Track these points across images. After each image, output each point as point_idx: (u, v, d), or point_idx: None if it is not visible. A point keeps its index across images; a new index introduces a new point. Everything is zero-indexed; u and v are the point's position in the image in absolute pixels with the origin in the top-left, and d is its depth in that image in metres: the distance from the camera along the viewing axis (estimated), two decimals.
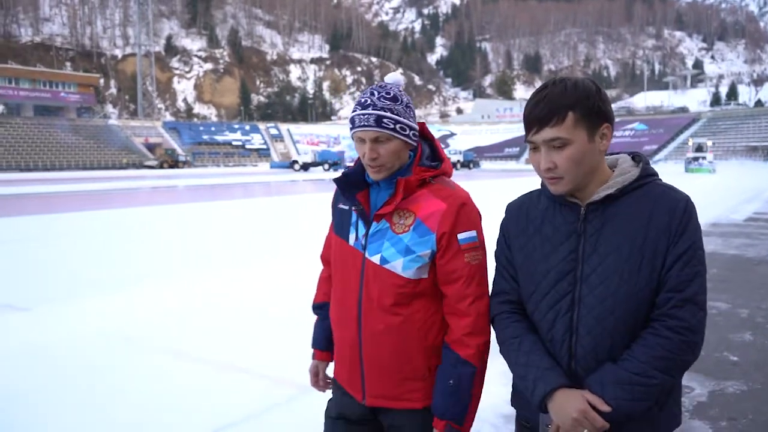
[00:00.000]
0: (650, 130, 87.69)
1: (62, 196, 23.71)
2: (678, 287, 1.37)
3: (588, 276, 1.43)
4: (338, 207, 1.83)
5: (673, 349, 1.35)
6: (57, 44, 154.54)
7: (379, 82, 1.71)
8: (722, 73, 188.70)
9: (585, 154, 1.40)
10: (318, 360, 1.98)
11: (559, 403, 1.40)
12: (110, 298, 6.06)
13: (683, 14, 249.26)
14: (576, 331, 1.45)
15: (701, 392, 3.68)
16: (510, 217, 1.63)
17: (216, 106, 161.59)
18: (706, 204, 16.03)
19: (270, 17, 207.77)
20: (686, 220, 1.39)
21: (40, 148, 68.70)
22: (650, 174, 1.47)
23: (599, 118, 1.41)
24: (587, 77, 1.47)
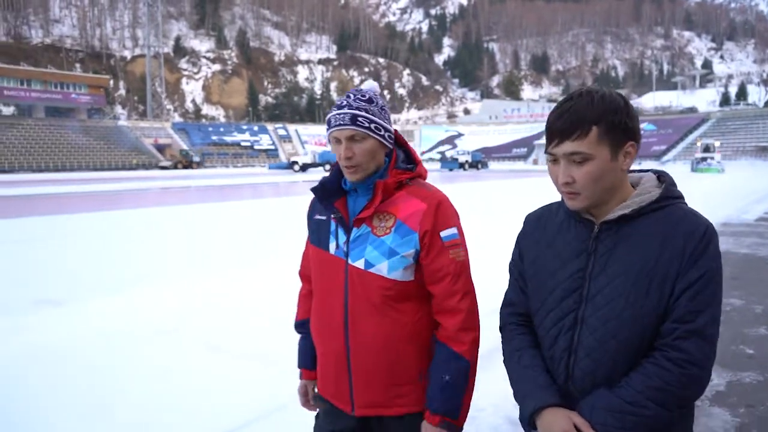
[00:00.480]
0: (659, 130, 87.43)
1: (74, 197, 24.03)
2: (685, 317, 1.31)
3: (594, 296, 1.40)
4: (314, 218, 1.82)
5: (672, 381, 1.30)
6: (67, 46, 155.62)
7: (353, 90, 1.73)
8: (731, 73, 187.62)
9: (606, 171, 1.35)
10: (306, 380, 1.95)
11: (546, 422, 1.39)
12: (111, 298, 6.03)
13: (692, 14, 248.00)
14: (575, 351, 1.42)
15: (719, 382, 3.86)
16: (526, 228, 1.61)
17: (224, 107, 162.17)
18: (716, 204, 16.14)
19: (278, 18, 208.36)
20: (703, 247, 1.32)
21: (52, 149, 69.34)
22: (672, 196, 1.41)
23: (624, 136, 1.35)
24: (615, 92, 1.38)
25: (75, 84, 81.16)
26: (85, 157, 70.03)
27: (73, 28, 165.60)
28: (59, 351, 4.42)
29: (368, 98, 1.69)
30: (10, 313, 5.52)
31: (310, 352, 1.92)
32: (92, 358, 4.28)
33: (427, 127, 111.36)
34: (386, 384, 1.69)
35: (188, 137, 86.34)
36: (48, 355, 4.35)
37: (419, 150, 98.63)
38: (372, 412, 1.72)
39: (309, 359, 1.93)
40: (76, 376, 3.94)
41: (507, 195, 20.25)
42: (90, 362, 4.18)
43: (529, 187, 25.29)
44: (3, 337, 4.76)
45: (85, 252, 9.26)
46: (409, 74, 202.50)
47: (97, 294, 6.23)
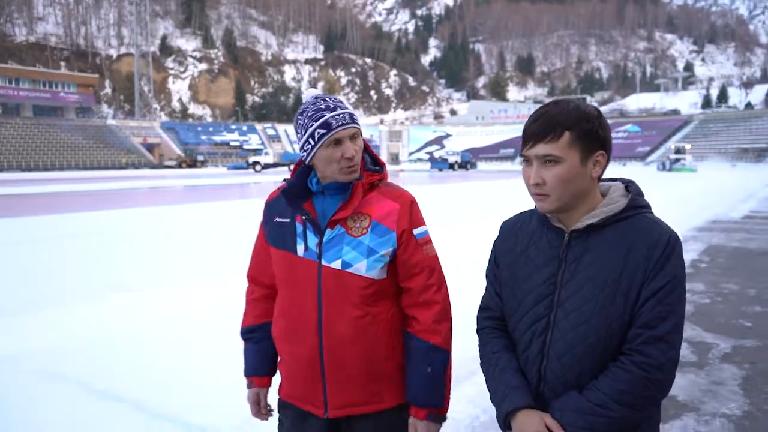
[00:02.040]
0: (643, 132, 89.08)
1: (68, 196, 24.44)
2: (649, 323, 1.37)
3: (564, 302, 1.45)
4: (274, 221, 1.80)
5: (637, 385, 1.35)
6: (52, 44, 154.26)
7: (315, 95, 1.74)
8: (712, 75, 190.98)
9: (575, 175, 1.41)
10: (258, 387, 1.91)
11: (519, 423, 1.44)
12: (100, 302, 5.88)
13: (674, 17, 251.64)
14: (547, 354, 1.47)
15: (725, 346, 4.64)
16: (502, 235, 1.66)
17: (211, 107, 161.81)
18: (705, 203, 17.09)
19: (264, 18, 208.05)
20: (667, 256, 1.38)
21: (41, 148, 69.13)
22: (638, 206, 1.47)
23: (595, 143, 1.42)
24: (589, 104, 1.48)
25: (64, 83, 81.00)
26: (74, 156, 69.91)
27: (58, 26, 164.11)
28: (49, 356, 4.33)
29: (340, 99, 1.73)
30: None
31: (261, 358, 1.89)
32: (82, 363, 4.19)
33: (415, 127, 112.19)
34: (362, 383, 1.71)
35: (177, 136, 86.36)
36: (38, 360, 4.24)
37: (407, 150, 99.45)
38: (346, 413, 1.72)
39: (260, 366, 1.89)
40: (67, 380, 3.87)
41: (496, 195, 21.05)
42: (79, 368, 4.10)
43: (517, 187, 26.44)
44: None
45: (72, 255, 8.99)
46: (395, 75, 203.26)
47: (86, 298, 6.07)
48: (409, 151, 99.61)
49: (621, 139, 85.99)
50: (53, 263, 8.34)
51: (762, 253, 9.04)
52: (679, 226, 11.77)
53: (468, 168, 64.09)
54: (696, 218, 13.27)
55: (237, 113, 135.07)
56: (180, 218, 14.53)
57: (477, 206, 15.87)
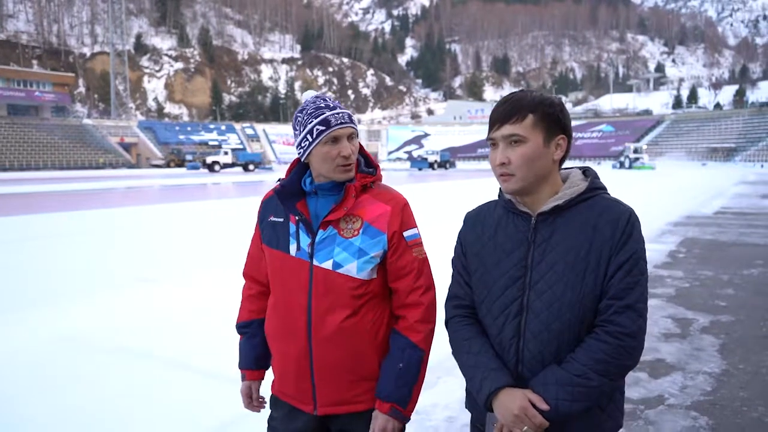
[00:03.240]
0: (617, 131, 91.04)
1: (44, 196, 24.55)
2: (619, 295, 1.44)
3: (536, 283, 1.51)
4: (269, 220, 1.84)
5: (612, 353, 1.42)
6: (23, 42, 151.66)
7: (315, 95, 1.79)
8: (683, 76, 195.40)
9: (538, 155, 1.49)
10: (250, 380, 1.96)
11: (502, 402, 1.47)
12: (89, 301, 5.94)
13: (645, 18, 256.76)
14: (523, 335, 1.51)
15: (704, 321, 5.32)
16: (467, 225, 1.72)
17: (187, 106, 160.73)
18: (677, 201, 18.02)
19: (240, 17, 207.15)
20: (629, 232, 1.46)
21: (15, 147, 68.22)
22: (597, 188, 1.55)
23: (557, 127, 1.51)
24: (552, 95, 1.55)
25: (39, 82, 79.86)
26: (50, 156, 69.18)
27: (29, 24, 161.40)
28: (35, 357, 4.36)
29: (338, 102, 1.77)
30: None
31: (253, 352, 1.94)
32: (67, 363, 4.22)
33: (394, 127, 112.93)
34: (349, 381, 1.75)
35: (155, 136, 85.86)
36: (27, 360, 4.28)
37: (386, 150, 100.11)
38: (334, 410, 1.76)
39: (253, 360, 1.95)
40: (55, 380, 3.90)
41: (475, 193, 21.76)
42: (68, 367, 4.15)
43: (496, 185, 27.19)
44: None
45: (61, 254, 8.99)
46: (372, 74, 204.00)
47: (75, 297, 6.11)
48: (388, 151, 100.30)
49: (596, 139, 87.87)
50: (38, 263, 8.32)
51: (733, 245, 9.82)
52: (656, 220, 12.62)
53: (447, 167, 64.98)
54: (671, 214, 14.11)
55: (214, 113, 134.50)
56: (168, 217, 14.91)
57: (457, 203, 16.56)
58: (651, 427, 3.29)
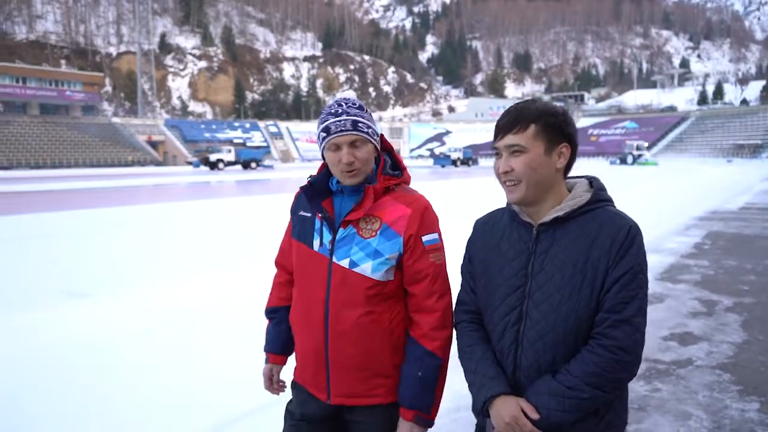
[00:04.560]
0: (641, 128, 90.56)
1: (88, 193, 25.57)
2: (615, 308, 1.44)
3: (534, 292, 1.53)
4: (299, 214, 1.90)
5: (606, 366, 1.43)
6: (52, 42, 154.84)
7: (339, 98, 1.83)
8: (708, 71, 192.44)
9: (540, 164, 1.52)
10: (272, 363, 2.04)
11: (497, 409, 1.51)
12: (99, 299, 6.01)
13: (670, 13, 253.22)
14: (521, 343, 1.54)
15: (728, 302, 5.93)
16: (476, 232, 1.75)
17: (211, 104, 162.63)
18: (703, 197, 18.42)
19: (262, 15, 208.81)
20: (628, 245, 1.46)
21: (48, 145, 70.11)
22: (601, 200, 1.56)
23: (560, 136, 1.54)
24: (557, 104, 1.62)
25: (70, 81, 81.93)
26: (81, 154, 70.91)
27: (57, 24, 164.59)
28: (50, 353, 4.42)
29: (359, 105, 1.79)
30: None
31: (278, 337, 2.02)
32: (81, 360, 4.28)
33: (416, 124, 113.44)
34: (361, 377, 1.79)
35: (181, 134, 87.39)
36: (39, 357, 4.34)
37: (408, 147, 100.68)
38: (346, 402, 1.82)
39: (277, 345, 2.02)
40: (66, 377, 3.95)
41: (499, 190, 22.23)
42: (86, 360, 4.23)
43: None
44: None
45: (73, 252, 9.14)
46: (393, 72, 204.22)
47: (90, 294, 6.21)
48: (410, 148, 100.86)
49: (619, 136, 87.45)
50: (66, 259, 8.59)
51: (757, 237, 10.33)
52: (682, 215, 13.12)
53: (470, 164, 65.37)
54: (697, 209, 14.57)
55: (237, 111, 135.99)
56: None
57: (481, 201, 17.13)
58: (682, 381, 3.93)
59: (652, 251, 8.91)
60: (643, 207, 14.32)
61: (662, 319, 5.38)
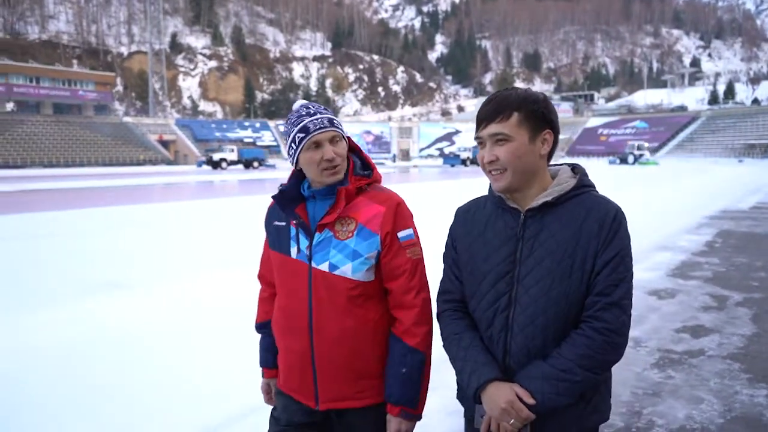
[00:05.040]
0: (651, 128, 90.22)
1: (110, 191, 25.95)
2: (604, 291, 1.47)
3: (524, 277, 1.53)
4: (273, 224, 1.91)
5: (597, 348, 1.45)
6: (64, 42, 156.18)
7: (301, 104, 1.83)
8: (719, 71, 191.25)
9: (525, 152, 1.52)
10: (268, 378, 2.06)
11: (490, 395, 1.51)
12: (101, 299, 5.86)
13: (680, 12, 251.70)
14: (511, 329, 1.55)
15: (738, 298, 6.13)
16: (458, 220, 1.74)
17: (221, 104, 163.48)
18: (714, 196, 18.51)
19: (272, 15, 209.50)
20: (615, 229, 1.49)
21: (61, 144, 70.86)
22: (586, 185, 1.58)
23: (542, 123, 1.54)
24: (537, 91, 1.61)
25: (82, 81, 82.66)
26: (93, 153, 71.60)
27: (69, 24, 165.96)
28: (53, 351, 4.33)
29: (325, 108, 1.82)
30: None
31: (270, 352, 2.03)
32: (98, 354, 4.26)
33: (425, 124, 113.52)
34: (349, 379, 1.79)
35: (192, 133, 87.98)
36: (40, 356, 4.26)
37: (418, 147, 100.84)
38: (335, 406, 1.81)
39: (270, 359, 2.03)
40: (73, 375, 3.90)
41: None
42: (93, 359, 4.16)
43: None
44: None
45: (77, 252, 8.92)
46: (402, 71, 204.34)
47: (88, 294, 6.05)
48: (419, 147, 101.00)
49: (629, 135, 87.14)
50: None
51: (767, 236, 10.47)
52: (693, 214, 13.26)
53: None
54: (708, 208, 14.70)
55: (247, 110, 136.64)
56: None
57: None
58: (694, 369, 4.14)
59: (664, 249, 9.11)
60: (655, 206, 14.49)
61: (674, 313, 5.58)
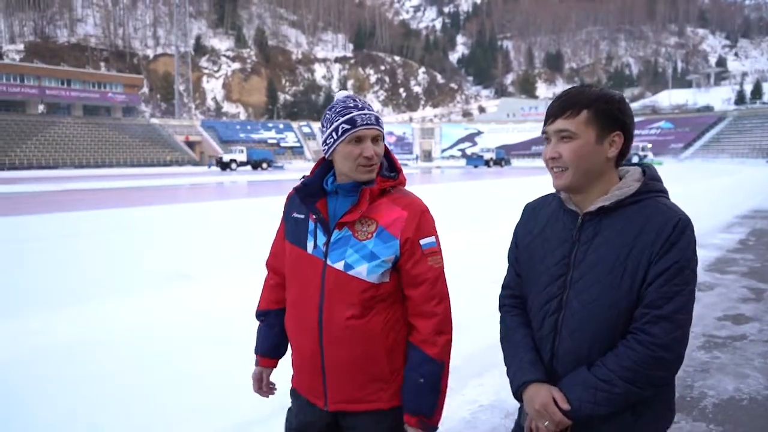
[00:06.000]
0: (676, 128, 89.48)
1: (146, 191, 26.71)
2: (655, 303, 1.40)
3: (576, 282, 1.50)
4: (292, 216, 1.87)
5: (641, 362, 1.39)
6: (92, 45, 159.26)
7: (346, 95, 1.81)
8: (746, 70, 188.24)
9: (589, 152, 1.47)
10: (262, 366, 2.00)
11: (529, 395, 1.52)
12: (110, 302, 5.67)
13: (706, 11, 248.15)
14: (559, 332, 1.52)
15: (765, 288, 6.47)
16: (523, 217, 1.73)
17: (244, 105, 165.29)
18: (745, 196, 18.68)
19: (294, 17, 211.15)
20: (675, 239, 1.40)
21: (91, 146, 72.49)
22: (652, 190, 1.50)
23: (613, 124, 1.47)
24: (616, 91, 1.53)
25: (111, 83, 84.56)
26: (123, 154, 73.14)
27: (96, 27, 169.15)
28: (63, 352, 4.25)
29: (370, 105, 1.78)
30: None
31: (268, 341, 1.99)
32: (111, 355, 4.21)
33: (447, 125, 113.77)
34: (359, 382, 1.76)
35: (217, 134, 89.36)
36: (51, 357, 4.17)
37: (440, 147, 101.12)
38: (344, 407, 1.79)
39: (267, 347, 1.99)
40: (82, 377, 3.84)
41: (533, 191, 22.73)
42: (104, 360, 4.11)
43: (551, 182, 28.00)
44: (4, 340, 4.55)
45: (85, 254, 8.75)
46: (424, 72, 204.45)
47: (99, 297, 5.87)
48: (441, 148, 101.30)
49: (654, 136, 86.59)
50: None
51: None
52: (725, 213, 13.52)
53: (503, 165, 65.64)
54: (739, 208, 14.97)
55: (270, 111, 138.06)
56: None
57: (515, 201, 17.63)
58: (738, 351, 4.55)
59: (699, 246, 9.31)
60: (685, 205, 14.71)
61: (715, 303, 5.97)
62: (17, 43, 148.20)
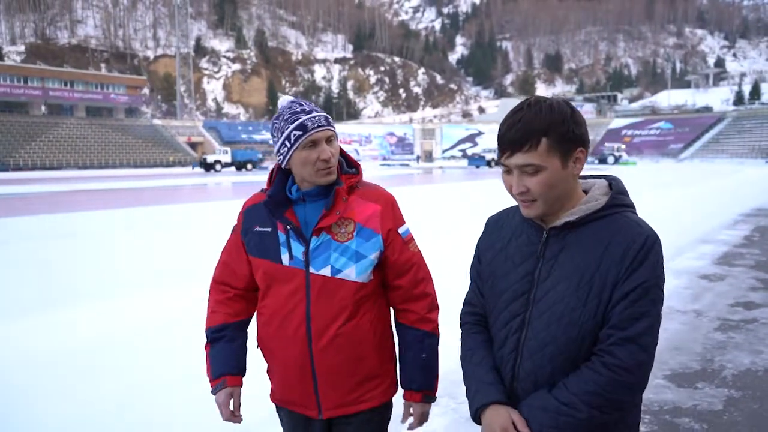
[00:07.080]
0: (676, 129, 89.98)
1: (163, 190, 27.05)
2: (620, 325, 1.33)
3: (539, 300, 1.43)
4: (254, 230, 1.78)
5: (605, 386, 1.33)
6: (92, 46, 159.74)
7: (290, 100, 1.76)
8: (744, 71, 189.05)
9: (558, 180, 1.38)
10: (232, 387, 1.81)
11: (488, 417, 1.44)
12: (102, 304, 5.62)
13: (704, 12, 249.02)
14: (521, 353, 1.45)
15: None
16: (485, 231, 1.65)
17: (244, 106, 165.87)
18: (749, 195, 19.11)
19: (294, 18, 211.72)
20: (642, 257, 1.34)
21: (94, 147, 72.90)
22: (618, 204, 1.43)
23: (573, 143, 1.38)
24: (561, 101, 1.41)
25: (114, 85, 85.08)
26: (126, 155, 73.56)
27: (97, 29, 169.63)
28: (56, 356, 4.21)
29: (315, 105, 1.75)
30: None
31: (233, 357, 1.84)
32: (110, 356, 4.21)
33: (448, 125, 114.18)
34: (352, 383, 1.76)
35: (219, 135, 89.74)
36: (48, 360, 4.15)
37: (441, 148, 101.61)
38: (339, 413, 1.77)
39: (234, 365, 1.83)
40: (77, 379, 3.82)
41: None
42: (99, 362, 4.09)
43: None
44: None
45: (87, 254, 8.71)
46: (423, 73, 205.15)
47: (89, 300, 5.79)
48: (442, 149, 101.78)
49: (653, 137, 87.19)
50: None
51: None
52: (729, 211, 13.96)
53: None
54: (742, 206, 15.41)
55: (270, 112, 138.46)
56: None
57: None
58: (752, 332, 4.99)
59: (706, 242, 9.88)
60: (690, 204, 15.19)
61: (726, 292, 6.42)
62: (18, 44, 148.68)
